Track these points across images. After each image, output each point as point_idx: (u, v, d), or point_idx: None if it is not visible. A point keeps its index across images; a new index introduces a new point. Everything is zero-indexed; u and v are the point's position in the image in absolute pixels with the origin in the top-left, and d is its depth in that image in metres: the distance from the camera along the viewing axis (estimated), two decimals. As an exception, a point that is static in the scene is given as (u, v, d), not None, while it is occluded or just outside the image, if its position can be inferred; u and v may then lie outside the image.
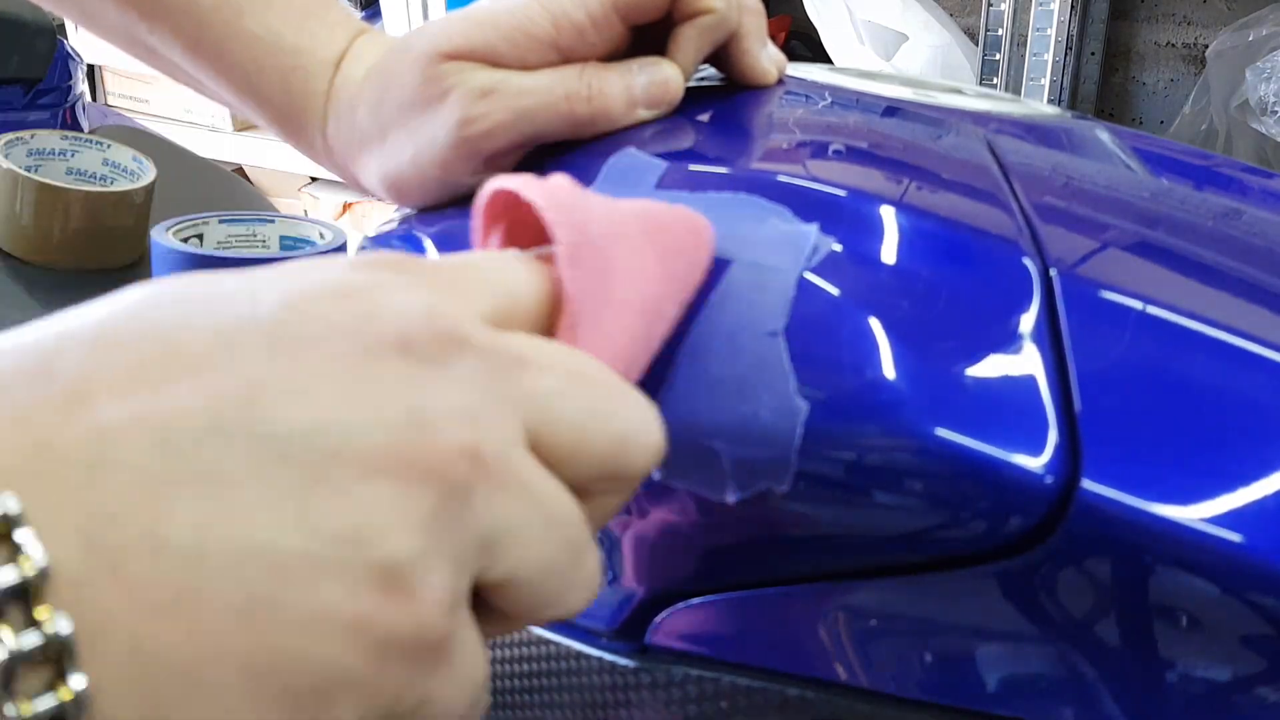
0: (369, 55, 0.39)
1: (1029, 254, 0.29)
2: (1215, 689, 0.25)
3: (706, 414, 0.26)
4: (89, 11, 0.42)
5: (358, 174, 0.40)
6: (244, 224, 0.68)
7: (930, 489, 0.25)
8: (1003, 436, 0.25)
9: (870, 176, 0.33)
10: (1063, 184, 0.36)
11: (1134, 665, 0.25)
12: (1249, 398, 0.26)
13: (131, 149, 0.76)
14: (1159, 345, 0.27)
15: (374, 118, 0.38)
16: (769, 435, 0.26)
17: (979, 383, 0.26)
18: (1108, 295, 0.28)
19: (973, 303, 0.28)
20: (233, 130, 1.77)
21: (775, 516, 0.27)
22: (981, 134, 0.39)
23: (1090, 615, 0.25)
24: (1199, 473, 0.25)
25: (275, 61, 0.39)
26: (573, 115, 0.36)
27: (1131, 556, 0.24)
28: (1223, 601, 0.24)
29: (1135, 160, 0.42)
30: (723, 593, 0.29)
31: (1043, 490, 0.25)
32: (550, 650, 0.32)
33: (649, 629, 0.30)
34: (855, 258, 0.29)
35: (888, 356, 0.26)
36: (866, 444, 0.26)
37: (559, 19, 0.35)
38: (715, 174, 0.32)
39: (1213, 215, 0.37)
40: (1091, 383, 0.26)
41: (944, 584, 0.27)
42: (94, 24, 0.42)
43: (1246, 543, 0.24)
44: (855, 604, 0.28)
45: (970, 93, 0.48)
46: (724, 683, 0.29)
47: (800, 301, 0.27)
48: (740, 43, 0.39)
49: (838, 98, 0.41)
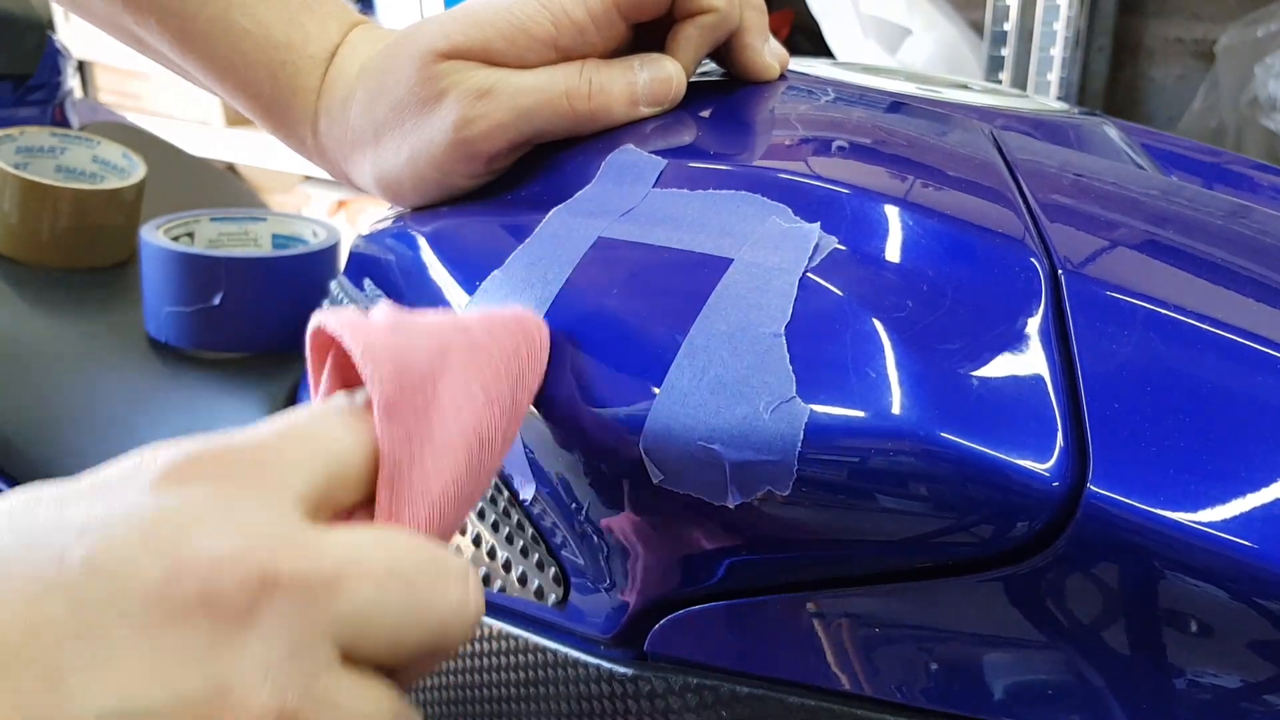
0: (363, 50, 0.39)
1: (1036, 254, 0.29)
2: (1224, 696, 0.25)
3: (706, 416, 0.26)
4: (79, 2, 0.41)
5: (350, 173, 0.40)
6: (236, 222, 0.68)
7: (935, 493, 0.25)
8: (1009, 440, 0.25)
9: (874, 174, 0.33)
10: (1070, 182, 0.36)
11: (1141, 672, 0.25)
12: (1260, 400, 0.26)
13: (121, 146, 0.76)
14: (1168, 347, 0.27)
15: (368, 117, 0.37)
16: (770, 438, 0.26)
17: (985, 385, 0.26)
18: (1116, 296, 0.28)
19: (979, 303, 0.27)
20: (225, 126, 1.77)
21: (776, 521, 0.27)
22: (988, 130, 0.38)
23: (1097, 621, 0.25)
24: (1208, 477, 0.24)
25: (263, 56, 0.39)
26: (573, 113, 0.35)
27: (1139, 562, 0.24)
28: (1232, 607, 0.24)
29: (1144, 157, 0.41)
30: (723, 600, 0.29)
31: (1049, 494, 0.24)
32: (548, 658, 0.32)
33: (648, 637, 0.30)
34: (858, 257, 0.28)
35: (891, 358, 0.26)
36: (870, 447, 0.25)
37: (559, 17, 0.35)
38: (716, 171, 0.32)
39: (1222, 213, 0.36)
40: (1099, 385, 0.26)
41: (948, 590, 0.26)
42: (82, 11, 0.42)
43: (1256, 548, 0.23)
44: (858, 610, 0.28)
45: (976, 88, 0.47)
46: (724, 691, 0.29)
47: (802, 302, 0.27)
48: (742, 39, 0.39)
49: (841, 93, 0.41)
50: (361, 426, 0.24)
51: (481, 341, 0.27)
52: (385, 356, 0.24)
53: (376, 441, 0.24)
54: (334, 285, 0.41)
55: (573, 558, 0.31)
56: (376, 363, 0.24)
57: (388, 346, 0.25)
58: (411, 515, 0.24)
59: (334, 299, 0.40)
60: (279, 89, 0.39)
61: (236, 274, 0.60)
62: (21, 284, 0.67)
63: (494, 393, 0.26)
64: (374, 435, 0.24)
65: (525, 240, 0.32)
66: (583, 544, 0.30)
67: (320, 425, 0.24)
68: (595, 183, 0.33)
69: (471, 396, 0.25)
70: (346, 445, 0.24)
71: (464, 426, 0.25)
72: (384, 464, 0.24)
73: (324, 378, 0.27)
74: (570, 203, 0.33)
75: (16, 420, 0.59)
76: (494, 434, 0.26)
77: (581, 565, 0.31)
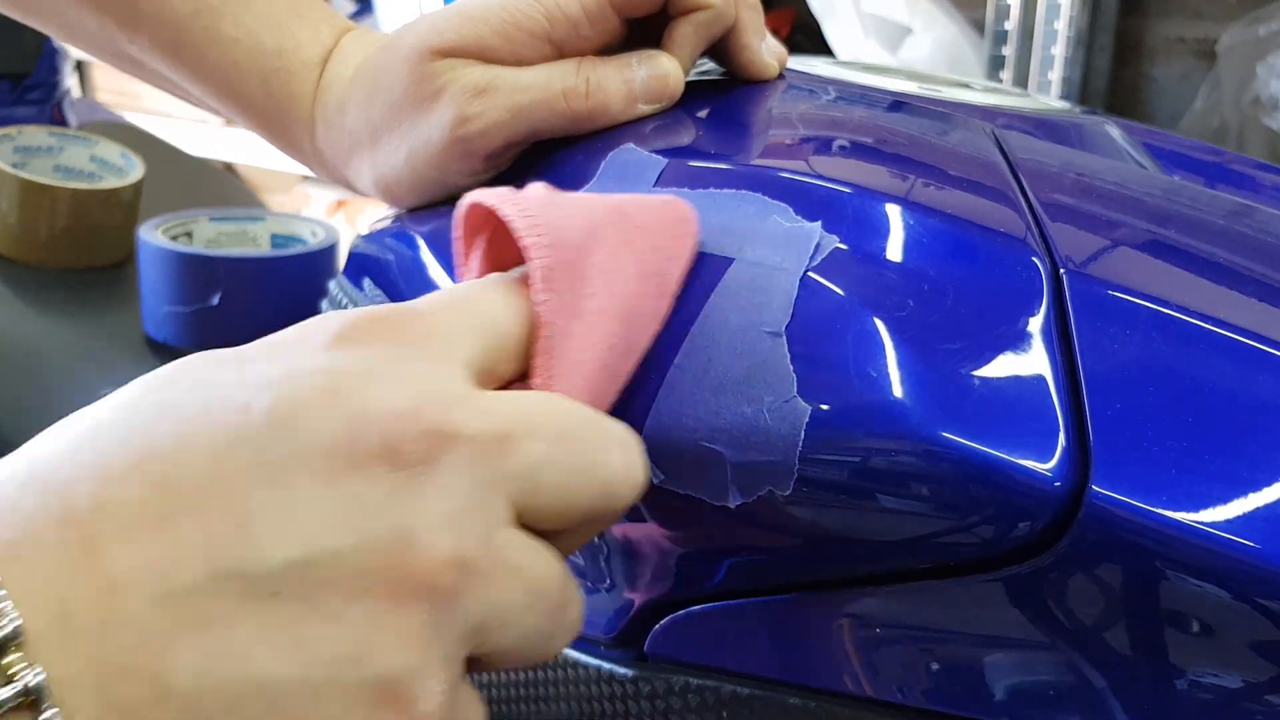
0: (356, 54, 0.39)
1: (1038, 253, 0.29)
2: (1226, 696, 0.25)
3: (707, 416, 0.26)
4: (69, 24, 0.41)
5: (349, 176, 0.40)
6: (234, 222, 0.68)
7: (936, 493, 0.25)
8: (1011, 440, 0.25)
9: (875, 173, 0.33)
10: (1072, 181, 0.36)
11: (1144, 672, 0.25)
12: (1262, 400, 0.26)
13: (120, 145, 0.76)
14: (1171, 347, 0.27)
15: (364, 119, 0.37)
16: (771, 438, 0.26)
17: (986, 385, 0.26)
18: (1118, 295, 0.28)
19: (980, 303, 0.27)
20: (223, 126, 1.77)
21: (777, 522, 0.27)
22: (989, 129, 0.38)
23: (1099, 622, 0.25)
24: (1211, 477, 0.24)
25: (255, 64, 0.39)
26: (571, 111, 0.35)
27: (1142, 562, 0.24)
28: (1234, 607, 0.24)
29: (1146, 156, 0.41)
30: (724, 600, 0.29)
31: (1051, 494, 0.24)
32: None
33: (648, 637, 0.30)
34: (859, 256, 0.28)
35: (893, 357, 0.26)
36: (871, 447, 0.25)
37: (553, 12, 0.35)
38: (716, 170, 0.32)
39: (1224, 213, 0.36)
40: (1102, 385, 0.26)
41: (950, 590, 0.26)
42: (75, 37, 0.42)
43: (1259, 548, 0.23)
44: (859, 611, 0.27)
45: (978, 87, 0.47)
46: (724, 692, 0.29)
47: (803, 301, 0.27)
48: (739, 38, 0.39)
49: (841, 92, 0.41)
50: (519, 300, 0.25)
51: (633, 218, 0.27)
52: (543, 227, 0.25)
53: (533, 315, 0.24)
54: (333, 285, 0.41)
55: (573, 558, 0.31)
56: (536, 232, 0.24)
57: (545, 218, 0.25)
58: (568, 383, 0.24)
59: (333, 299, 0.40)
60: (273, 97, 0.39)
61: (235, 274, 0.60)
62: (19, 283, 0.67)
63: (644, 268, 0.26)
64: (530, 308, 0.24)
65: (525, 239, 0.32)
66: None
67: (481, 297, 0.24)
68: (595, 181, 0.33)
69: (623, 270, 0.26)
70: (506, 316, 0.24)
71: (616, 299, 0.25)
72: (542, 331, 0.24)
73: (475, 260, 0.27)
74: (570, 202, 0.33)
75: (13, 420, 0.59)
76: (644, 308, 0.26)
77: (581, 566, 0.31)
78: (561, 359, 0.24)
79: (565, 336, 0.24)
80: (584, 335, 0.25)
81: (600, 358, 0.25)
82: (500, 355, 0.24)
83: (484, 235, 0.27)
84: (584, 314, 0.25)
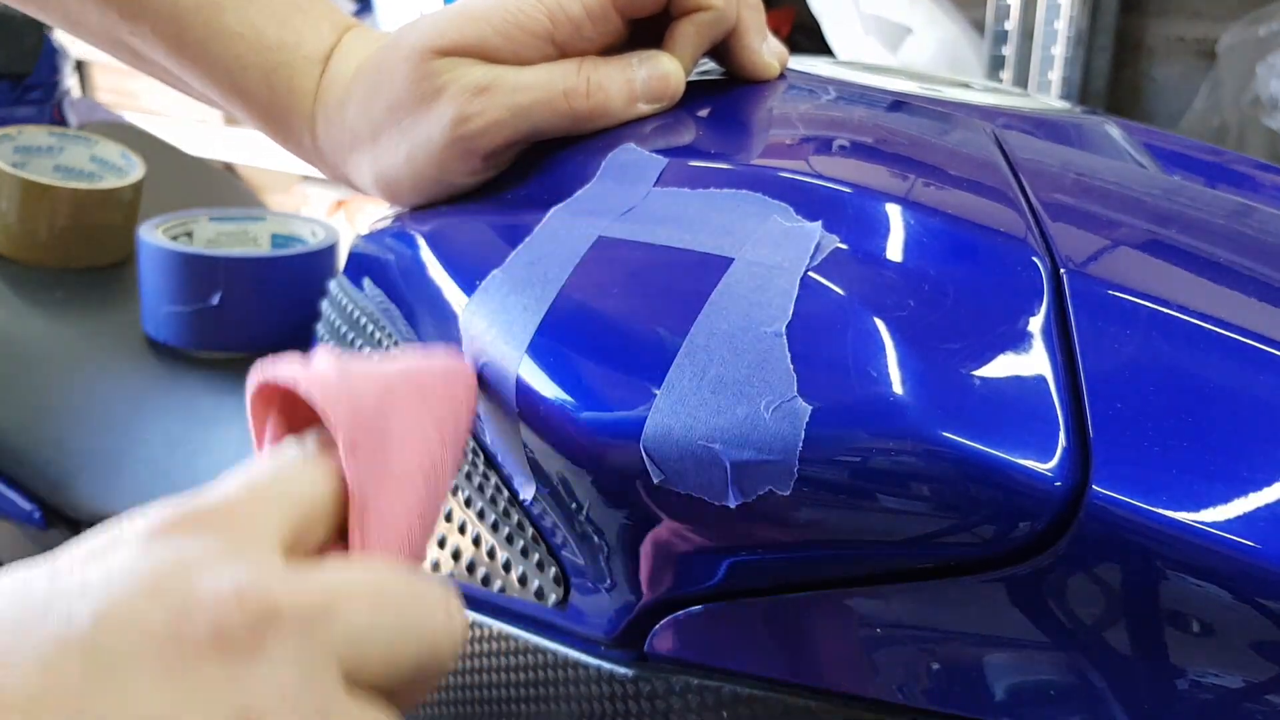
0: (358, 51, 0.39)
1: (1038, 253, 0.29)
2: (1226, 696, 0.25)
3: (707, 416, 0.26)
4: (72, 15, 0.41)
5: (349, 174, 0.40)
6: (234, 221, 0.68)
7: (936, 493, 0.25)
8: (1011, 440, 0.25)
9: (875, 173, 0.33)
10: (1072, 181, 0.36)
11: (1144, 672, 0.25)
12: (1262, 400, 0.26)
13: (120, 145, 0.76)
14: (1171, 346, 0.27)
15: (365, 117, 0.37)
16: (771, 438, 0.26)
17: (987, 384, 0.26)
18: (1118, 295, 0.28)
19: (981, 303, 0.27)
20: (223, 125, 1.77)
21: (777, 521, 0.27)
22: (989, 129, 0.38)
23: (1100, 621, 0.25)
24: (1211, 477, 0.24)
25: (258, 59, 0.39)
26: (572, 111, 0.35)
27: (1142, 562, 0.24)
28: (1234, 607, 0.24)
29: (1146, 156, 0.41)
30: (724, 600, 0.29)
31: (1052, 494, 0.24)
32: (548, 659, 0.32)
33: (648, 637, 0.30)
34: (859, 256, 0.28)
35: (893, 357, 0.26)
36: (871, 447, 0.25)
37: (555, 13, 0.35)
38: (716, 170, 0.32)
39: (1224, 213, 0.36)
40: (1102, 385, 0.26)
41: (950, 590, 0.26)
42: (77, 27, 0.42)
43: (1259, 548, 0.23)
44: (859, 611, 0.27)
45: (978, 87, 0.47)
46: (725, 692, 0.29)
47: (803, 301, 0.27)
48: (740, 38, 0.39)
49: (842, 92, 0.41)
50: (319, 469, 0.25)
51: (423, 380, 0.28)
52: (342, 398, 0.26)
53: (337, 480, 0.25)
54: (333, 285, 0.41)
55: (573, 558, 0.31)
56: (335, 405, 0.26)
57: (341, 389, 0.26)
58: (384, 545, 0.25)
59: (333, 299, 0.40)
60: (275, 92, 0.39)
61: (235, 273, 0.60)
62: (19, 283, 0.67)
63: (441, 421, 0.28)
64: (332, 475, 0.25)
65: (525, 239, 0.32)
66: (583, 544, 0.30)
67: (286, 477, 0.25)
68: (596, 181, 0.33)
69: (421, 429, 0.27)
70: (313, 491, 0.25)
71: (418, 458, 0.27)
72: (353, 499, 0.25)
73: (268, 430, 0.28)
74: (570, 202, 0.33)
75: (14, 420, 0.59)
76: (443, 463, 0.27)
77: (582, 566, 0.31)
78: (375, 524, 0.25)
79: (376, 499, 0.25)
80: (393, 497, 0.26)
81: (410, 515, 0.26)
82: (312, 528, 0.25)
83: (276, 405, 0.28)
84: (390, 476, 0.26)
